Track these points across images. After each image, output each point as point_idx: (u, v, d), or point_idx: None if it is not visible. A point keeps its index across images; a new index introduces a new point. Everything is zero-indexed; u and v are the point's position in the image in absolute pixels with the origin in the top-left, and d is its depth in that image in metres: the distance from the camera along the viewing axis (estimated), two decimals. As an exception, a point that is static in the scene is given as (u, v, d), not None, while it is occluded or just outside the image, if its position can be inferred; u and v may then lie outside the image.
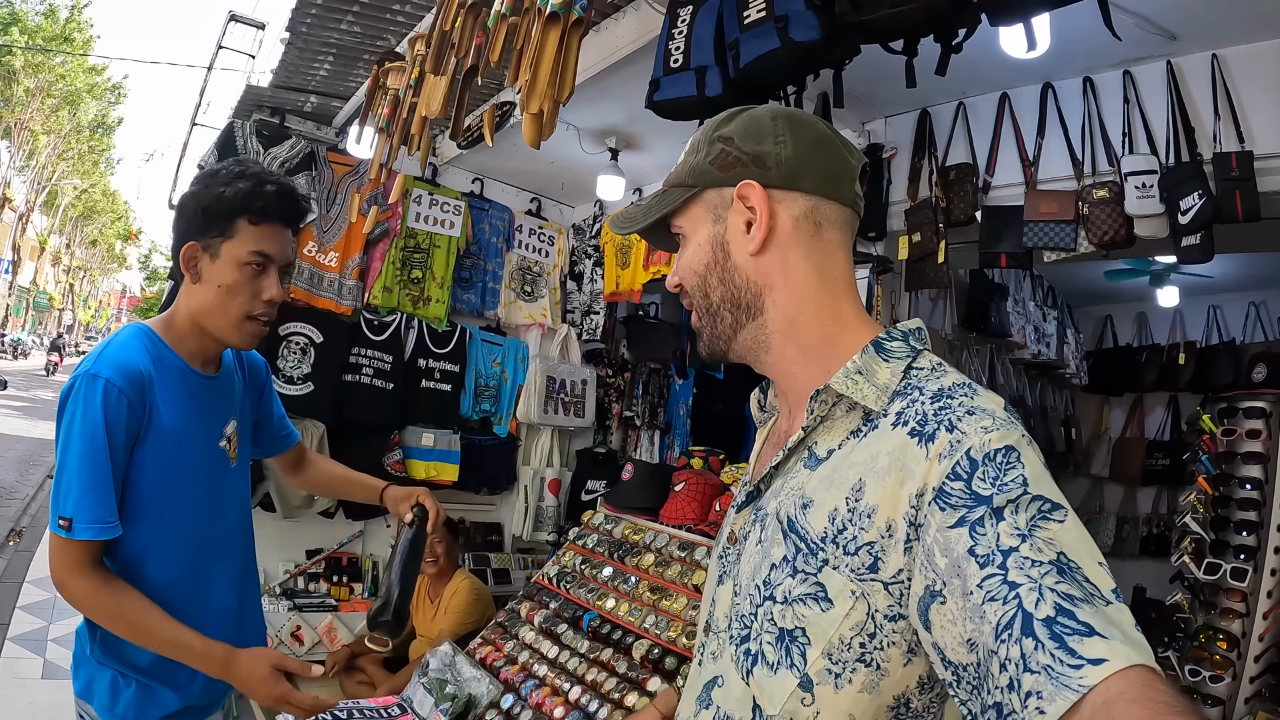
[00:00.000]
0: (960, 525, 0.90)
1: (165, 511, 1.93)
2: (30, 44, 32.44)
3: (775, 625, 1.05)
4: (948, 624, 0.89)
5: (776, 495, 1.14)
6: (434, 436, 5.74)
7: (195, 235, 1.96)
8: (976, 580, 0.86)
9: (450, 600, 4.63)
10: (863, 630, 0.98)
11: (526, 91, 2.80)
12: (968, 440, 0.95)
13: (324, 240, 5.37)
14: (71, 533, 1.76)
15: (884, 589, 0.97)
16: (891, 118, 4.17)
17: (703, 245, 1.22)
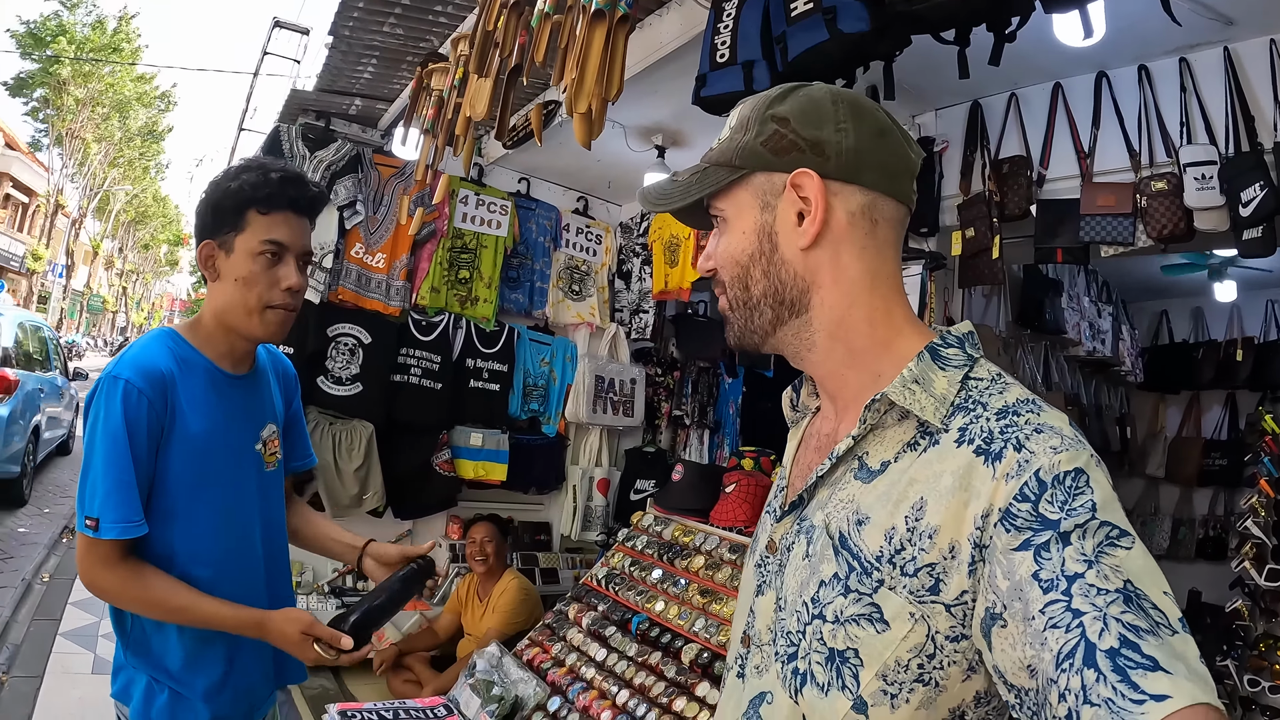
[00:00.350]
0: (1025, 549, 0.87)
1: (194, 511, 1.94)
2: (79, 55, 33.28)
3: (825, 645, 1.01)
4: (1008, 648, 0.87)
5: (823, 507, 1.09)
6: (482, 436, 5.79)
7: (209, 234, 1.97)
8: (1039, 605, 0.83)
9: (498, 599, 4.66)
10: (921, 651, 0.95)
11: (574, 91, 2.79)
12: (1036, 460, 0.91)
13: (371, 242, 5.43)
14: (99, 532, 1.78)
15: (946, 611, 0.94)
16: (942, 110, 4.10)
17: (747, 233, 1.13)
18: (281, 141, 5.26)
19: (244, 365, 2.09)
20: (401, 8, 3.89)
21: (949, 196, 4.02)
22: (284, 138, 5.27)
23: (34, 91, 34.89)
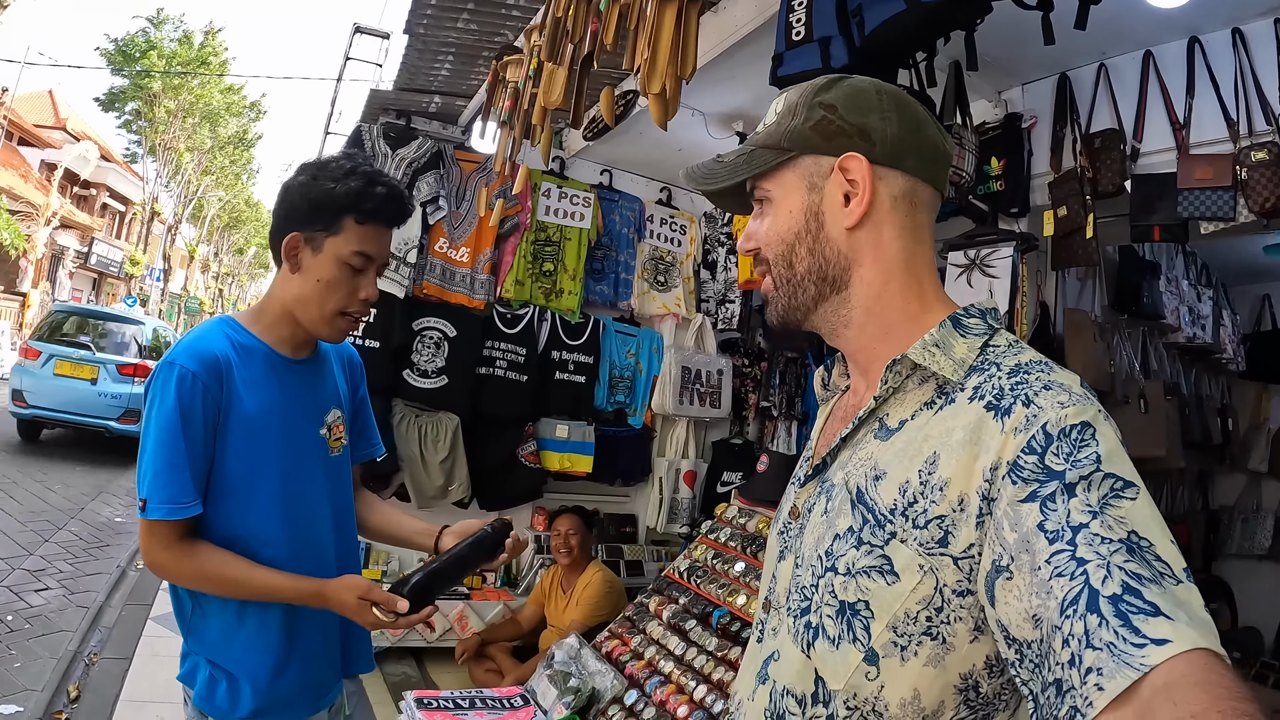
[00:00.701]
0: (1031, 500, 0.90)
1: (257, 494, 1.96)
2: (168, 69, 34.86)
3: (836, 598, 1.05)
4: (1013, 599, 0.89)
5: (844, 466, 1.14)
6: (568, 428, 5.85)
7: (299, 226, 1.99)
8: (1045, 556, 0.85)
9: (582, 591, 4.70)
10: (930, 604, 0.98)
11: (647, 71, 2.79)
12: (1044, 415, 0.95)
13: (455, 236, 5.52)
14: (145, 512, 1.83)
15: (953, 563, 0.97)
16: (1029, 84, 3.97)
17: (794, 213, 1.19)
18: (364, 140, 5.39)
19: (304, 350, 2.12)
20: (474, 3, 3.94)
21: (1039, 174, 3.89)
22: (366, 137, 5.40)
23: (126, 105, 36.83)
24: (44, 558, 7.49)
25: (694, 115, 4.70)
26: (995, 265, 3.53)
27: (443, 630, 5.30)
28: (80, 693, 4.91)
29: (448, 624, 5.30)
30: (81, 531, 8.39)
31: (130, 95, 36.19)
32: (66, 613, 6.27)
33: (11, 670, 5.11)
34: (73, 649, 5.50)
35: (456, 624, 5.31)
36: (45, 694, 4.81)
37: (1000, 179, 3.72)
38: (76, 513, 9.10)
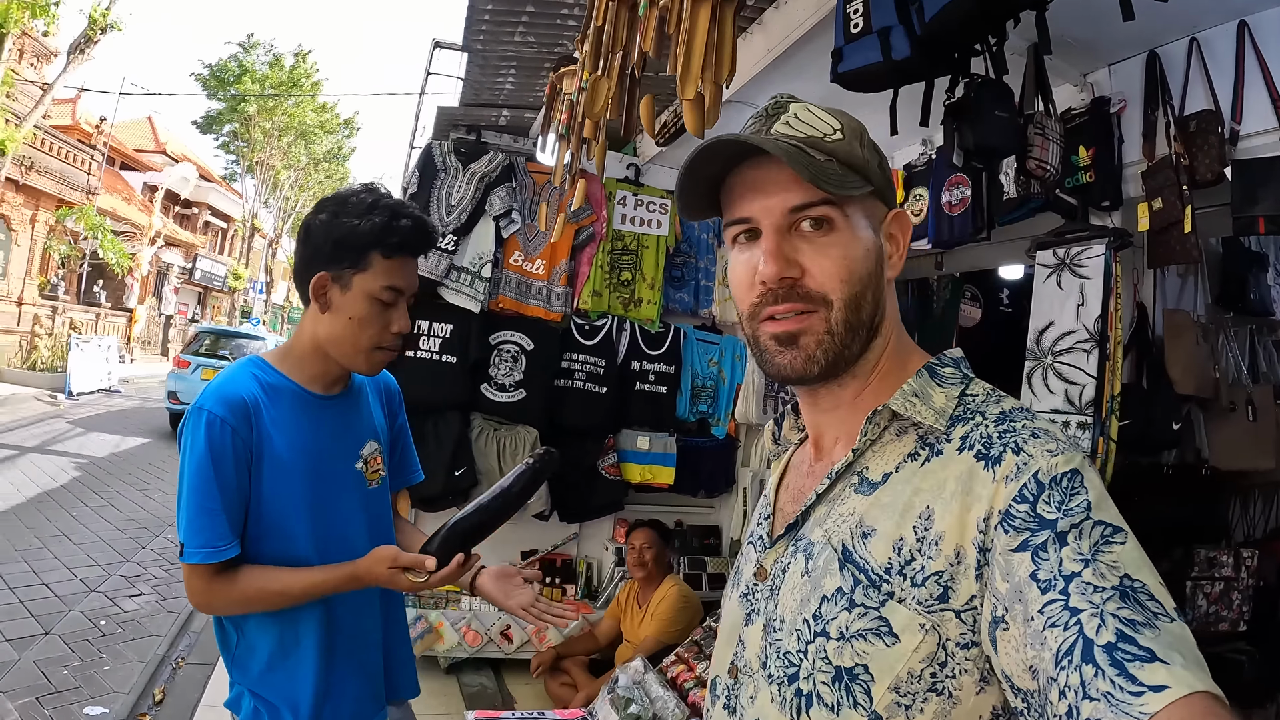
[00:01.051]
0: (1023, 549, 0.90)
1: (294, 530, 2.01)
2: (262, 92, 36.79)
3: (830, 664, 1.01)
4: (1011, 650, 0.88)
5: (822, 523, 1.10)
6: (649, 439, 5.82)
7: (325, 265, 2.01)
8: (1038, 606, 0.85)
9: (657, 606, 4.68)
10: (933, 660, 0.96)
11: (681, 76, 2.70)
12: (1035, 463, 0.95)
13: (530, 249, 5.54)
14: (183, 557, 1.90)
15: (956, 617, 0.95)
16: (1115, 65, 3.71)
17: (870, 252, 1.10)
18: (434, 157, 5.46)
19: (337, 386, 2.16)
20: (528, 15, 3.93)
21: (1131, 163, 3.60)
22: (436, 153, 5.46)
23: (224, 127, 38.89)
24: (140, 564, 7.89)
25: (767, 117, 4.61)
26: (1086, 264, 3.36)
27: (521, 642, 5.36)
28: (165, 696, 5.14)
29: (525, 636, 5.36)
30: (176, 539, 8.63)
31: (227, 118, 38.30)
32: (158, 618, 6.57)
33: (101, 673, 5.39)
34: (161, 653, 5.79)
35: (534, 636, 5.33)
36: (131, 696, 5.07)
37: (1089, 170, 3.52)
38: (173, 519, 9.38)
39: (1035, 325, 3.48)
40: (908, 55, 2.56)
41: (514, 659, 5.46)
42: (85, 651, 5.70)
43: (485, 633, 5.29)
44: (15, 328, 23.18)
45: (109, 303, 29.35)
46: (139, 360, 30.57)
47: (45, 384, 20.30)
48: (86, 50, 17.79)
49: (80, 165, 25.33)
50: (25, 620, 6.12)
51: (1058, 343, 3.36)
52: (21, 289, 23.70)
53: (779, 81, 4.01)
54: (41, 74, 22.05)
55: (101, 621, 6.30)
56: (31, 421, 15.85)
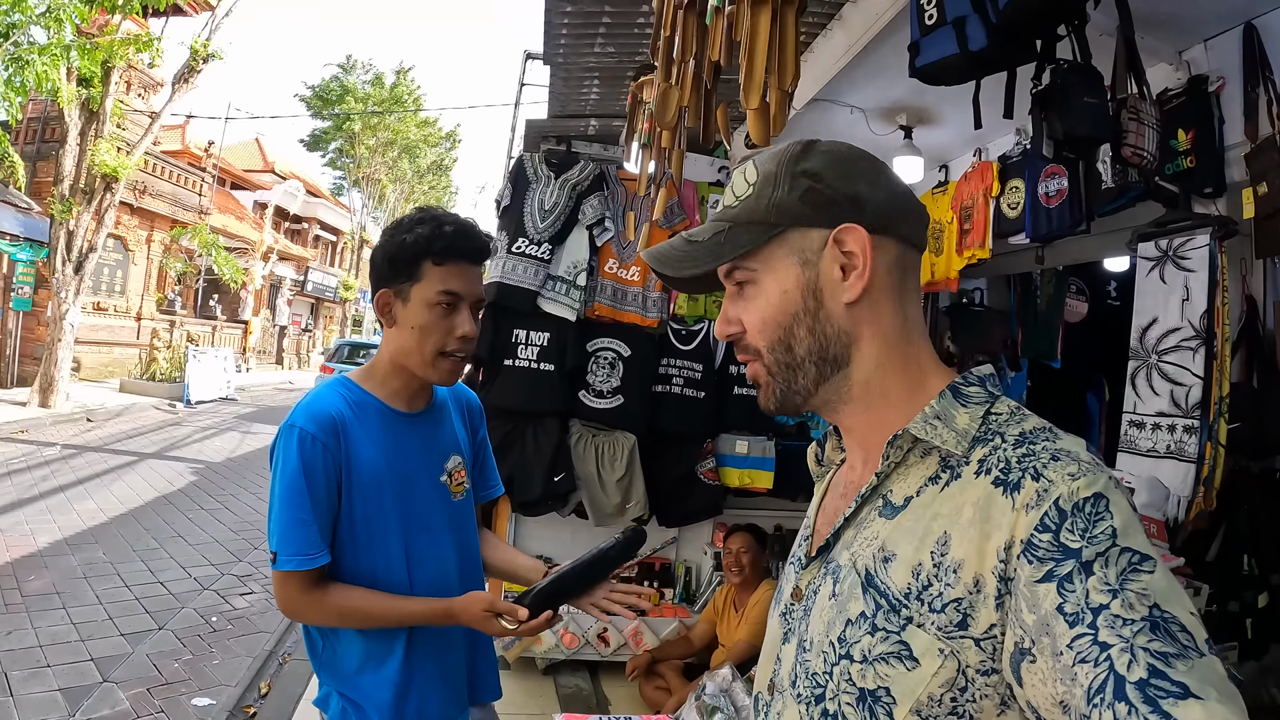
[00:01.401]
0: (1048, 580, 0.89)
1: (382, 543, 2.11)
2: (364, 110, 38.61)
3: (855, 685, 1.02)
4: (1038, 683, 0.88)
5: (849, 546, 1.12)
6: (748, 443, 5.79)
7: (386, 283, 2.14)
8: (1066, 640, 0.84)
9: (752, 609, 4.71)
10: (953, 685, 0.96)
11: (744, 85, 2.71)
12: (1055, 489, 0.93)
13: (624, 256, 5.62)
14: (277, 565, 1.99)
15: (975, 645, 0.95)
16: (1211, 40, 3.54)
17: (789, 292, 1.14)
18: (525, 168, 5.57)
19: (419, 402, 2.27)
20: (605, 26, 4.01)
21: (1233, 145, 3.44)
22: (528, 165, 5.57)
23: (330, 145, 40.46)
24: (251, 564, 8.25)
25: (853, 113, 4.61)
26: (1190, 256, 3.23)
27: (617, 645, 5.42)
28: (270, 689, 5.41)
29: (622, 639, 5.43)
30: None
31: (332, 136, 39.94)
32: (267, 615, 6.87)
33: (211, 667, 5.70)
34: (268, 649, 6.07)
35: (631, 639, 5.39)
36: (238, 689, 5.33)
37: (1189, 154, 3.40)
38: None
39: (1138, 323, 3.38)
40: (985, 46, 2.54)
41: (610, 661, 5.53)
42: (196, 646, 6.01)
43: (582, 635, 5.37)
44: (135, 341, 24.52)
45: (224, 315, 30.61)
46: (254, 369, 31.81)
47: (164, 394, 21.30)
48: (190, 79, 18.49)
49: (192, 187, 26.66)
50: (140, 616, 6.49)
51: (1162, 341, 3.26)
52: (140, 305, 25.02)
53: (862, 78, 4.01)
54: (149, 103, 23.12)
55: (213, 618, 6.63)
56: (151, 429, 16.64)
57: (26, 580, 6.97)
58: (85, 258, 17.12)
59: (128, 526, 8.96)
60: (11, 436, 13.93)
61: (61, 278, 16.82)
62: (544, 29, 4.17)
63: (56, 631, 5.92)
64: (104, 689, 5.12)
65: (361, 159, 39.57)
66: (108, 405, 18.34)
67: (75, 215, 16.79)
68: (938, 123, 4.73)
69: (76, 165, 16.86)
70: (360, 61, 39.94)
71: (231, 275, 23.90)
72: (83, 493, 10.31)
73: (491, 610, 2.02)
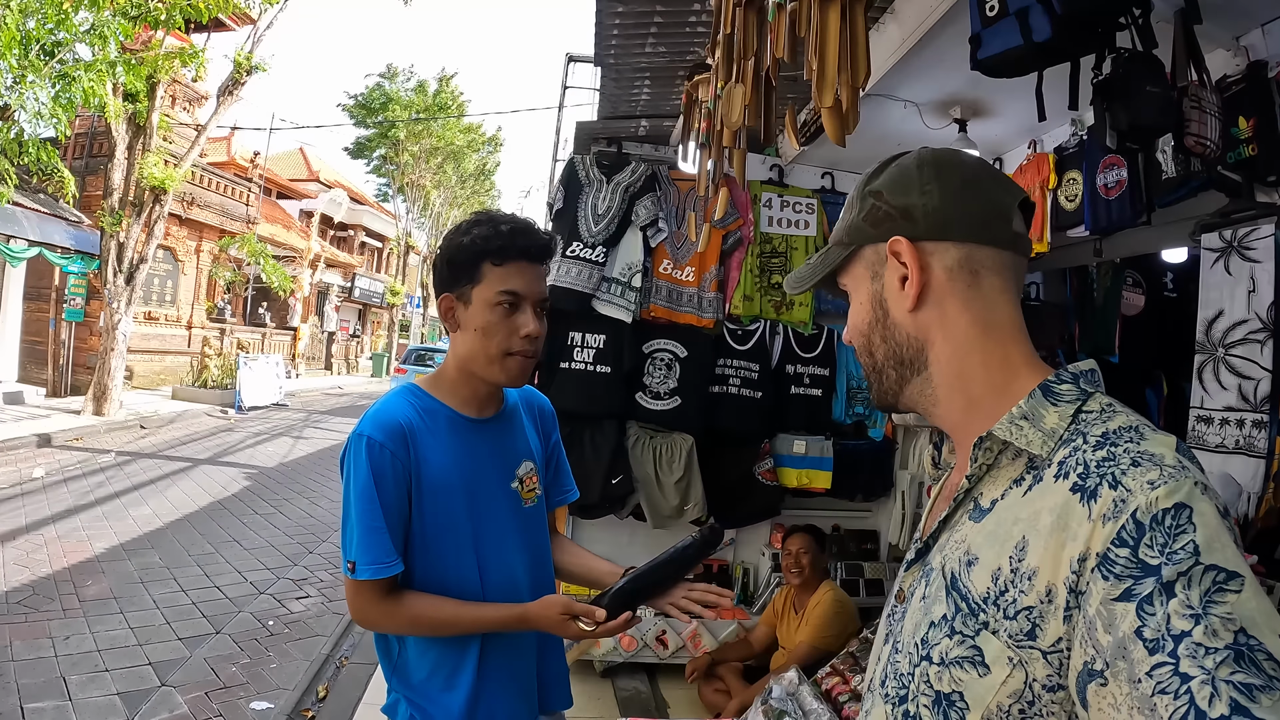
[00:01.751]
0: (1127, 599, 0.86)
1: (452, 551, 2.12)
2: (408, 117, 39.06)
3: (932, 688, 1.04)
4: (1109, 708, 0.86)
5: (942, 550, 1.14)
6: (805, 443, 5.82)
7: (448, 288, 2.15)
8: (1145, 668, 0.82)
9: (813, 611, 4.71)
10: (1020, 698, 0.95)
11: (817, 83, 2.70)
12: (1133, 499, 0.90)
13: (678, 257, 5.65)
14: (355, 574, 2.01)
15: (1043, 658, 0.94)
16: (1270, 24, 3.42)
17: (864, 304, 1.25)
18: (577, 172, 5.61)
19: (489, 409, 2.27)
20: (657, 25, 4.02)
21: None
22: (579, 168, 5.62)
23: (374, 152, 41.31)
24: (307, 568, 8.41)
25: (907, 107, 4.57)
26: (1256, 246, 3.17)
27: (676, 647, 5.47)
28: (328, 693, 5.49)
29: (680, 641, 5.47)
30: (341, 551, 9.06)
31: (376, 143, 40.59)
32: (323, 619, 7.00)
33: (268, 670, 5.81)
34: (325, 653, 6.19)
35: (689, 641, 5.42)
36: (296, 693, 5.45)
37: (1251, 142, 3.25)
38: (339, 526, 9.93)
39: (1204, 315, 3.33)
40: (1049, 37, 2.51)
41: (669, 664, 5.56)
42: (253, 650, 6.13)
43: (641, 638, 5.40)
44: (186, 349, 24.97)
45: (274, 322, 31.11)
46: (304, 375, 32.20)
47: (216, 400, 21.71)
48: (235, 92, 18.81)
49: (238, 197, 27.05)
50: (197, 620, 6.62)
51: (1229, 333, 3.21)
52: (190, 314, 25.47)
53: (918, 71, 3.98)
54: (195, 116, 23.60)
55: (270, 622, 6.75)
56: (204, 435, 16.96)
57: (84, 585, 7.12)
58: (136, 268, 17.47)
59: (183, 532, 9.14)
60: (67, 444, 14.24)
61: (113, 288, 17.16)
62: (595, 30, 4.19)
63: (114, 636, 6.05)
64: (162, 693, 5.23)
65: (405, 166, 39.96)
66: (160, 412, 18.69)
67: (125, 227, 17.15)
68: (992, 115, 4.68)
69: (125, 178, 17.26)
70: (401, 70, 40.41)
71: (280, 283, 24.22)
72: (138, 498, 10.53)
73: (568, 613, 2.01)
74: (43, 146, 13.70)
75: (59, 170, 15.31)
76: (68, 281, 19.98)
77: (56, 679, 5.24)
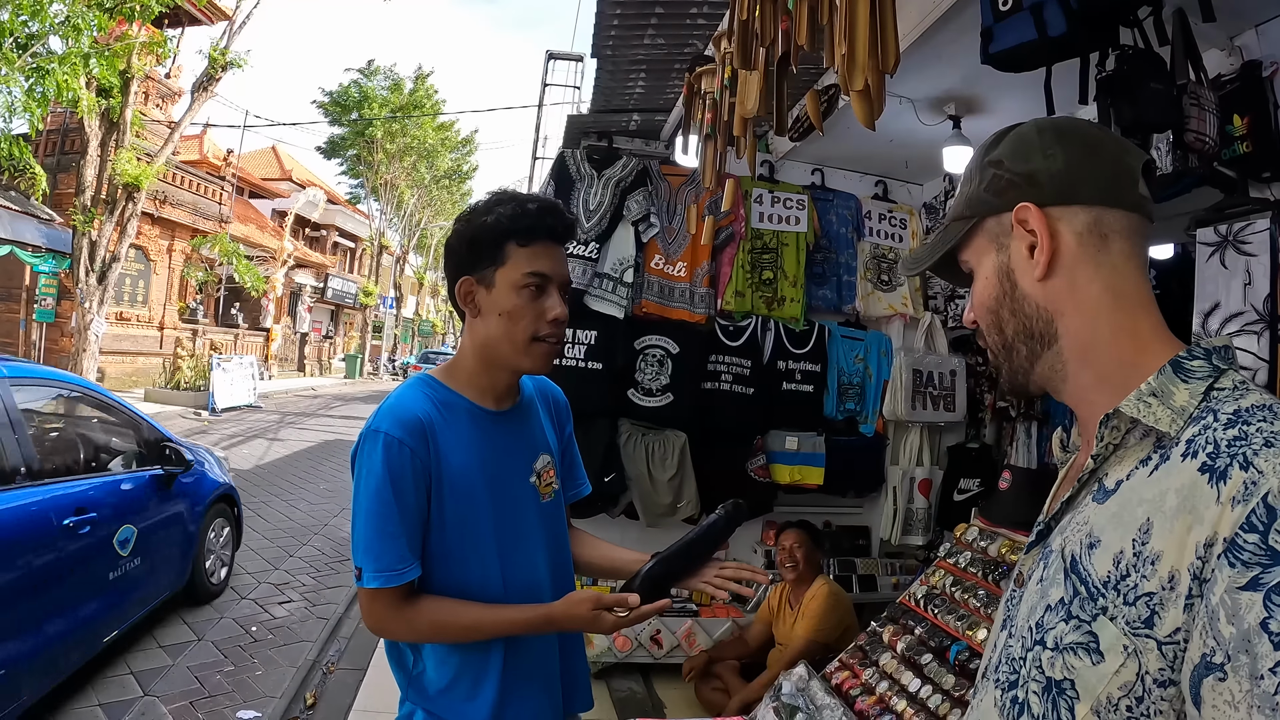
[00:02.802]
0: (1254, 589, 0.81)
1: (474, 549, 2.02)
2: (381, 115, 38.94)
3: (1043, 674, 1.00)
4: (1225, 705, 0.81)
5: (1063, 532, 1.09)
6: (798, 439, 5.84)
7: (467, 270, 2.03)
8: (1269, 664, 0.77)
9: (808, 605, 4.72)
10: (1130, 692, 0.91)
11: (847, 67, 2.70)
12: (1266, 482, 0.84)
13: (670, 252, 5.66)
14: (362, 581, 1.89)
15: (1158, 648, 0.89)
16: (1263, 25, 3.49)
17: (989, 278, 1.20)
18: (567, 166, 5.62)
19: (507, 400, 2.16)
20: (656, 17, 4.02)
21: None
22: (569, 162, 5.62)
23: (347, 152, 41.26)
24: (288, 572, 8.36)
25: (902, 103, 4.58)
26: (1251, 240, 3.19)
27: (670, 647, 5.46)
28: (317, 700, 5.42)
29: (675, 641, 5.46)
30: (324, 547, 9.23)
31: (350, 143, 40.49)
32: (307, 624, 6.93)
33: (254, 678, 5.74)
34: (312, 658, 6.09)
35: (684, 641, 5.42)
36: (283, 700, 5.36)
37: (1246, 139, 3.33)
38: (319, 529, 10.12)
39: (1200, 308, 3.35)
40: (1064, 31, 2.53)
41: (663, 664, 5.55)
42: (237, 657, 6.06)
43: (635, 638, 5.39)
44: (158, 350, 24.87)
45: (246, 323, 30.97)
46: (277, 376, 32.09)
47: (189, 402, 21.53)
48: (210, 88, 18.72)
49: (211, 196, 27.03)
50: (179, 627, 6.54)
51: (1225, 325, 3.23)
52: (162, 314, 25.37)
53: (915, 67, 3.99)
54: (168, 113, 23.59)
55: (253, 628, 6.69)
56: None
57: (59, 591, 7.03)
58: (109, 267, 17.33)
59: (160, 535, 9.02)
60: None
61: (85, 288, 17.01)
62: (595, 21, 4.17)
63: (93, 643, 5.98)
64: (145, 702, 5.17)
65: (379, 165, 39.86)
66: (133, 415, 18.45)
67: (98, 225, 17.01)
68: (987, 112, 4.70)
69: (98, 175, 17.12)
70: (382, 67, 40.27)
71: (253, 283, 24.13)
72: (113, 502, 10.37)
73: (599, 606, 1.92)
74: (15, 142, 13.59)
75: (31, 166, 15.18)
76: (38, 281, 19.83)
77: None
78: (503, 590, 2.04)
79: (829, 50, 2.85)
